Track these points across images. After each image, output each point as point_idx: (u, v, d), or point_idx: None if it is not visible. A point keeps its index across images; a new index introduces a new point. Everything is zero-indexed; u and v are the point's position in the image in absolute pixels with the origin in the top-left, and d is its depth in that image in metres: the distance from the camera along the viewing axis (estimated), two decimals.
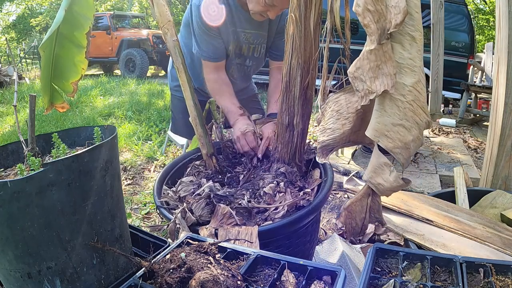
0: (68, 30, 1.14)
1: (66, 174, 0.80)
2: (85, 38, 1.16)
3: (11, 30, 20.86)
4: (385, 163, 1.01)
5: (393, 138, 0.95)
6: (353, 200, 1.12)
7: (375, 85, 0.93)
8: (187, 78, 1.37)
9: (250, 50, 1.73)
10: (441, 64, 4.69)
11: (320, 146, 1.16)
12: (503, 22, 1.88)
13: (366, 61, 0.93)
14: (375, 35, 0.90)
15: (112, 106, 6.12)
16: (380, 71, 0.93)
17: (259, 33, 1.68)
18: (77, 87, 1.21)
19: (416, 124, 0.94)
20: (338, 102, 1.14)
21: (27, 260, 0.81)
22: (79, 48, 1.17)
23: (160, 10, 1.31)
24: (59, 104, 1.24)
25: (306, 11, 1.19)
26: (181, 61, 1.34)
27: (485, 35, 15.01)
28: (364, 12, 0.90)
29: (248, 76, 1.93)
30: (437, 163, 3.33)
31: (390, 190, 1.01)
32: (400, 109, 0.94)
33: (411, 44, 0.92)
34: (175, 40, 1.33)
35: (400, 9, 0.88)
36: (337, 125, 1.13)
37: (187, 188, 1.27)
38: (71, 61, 1.18)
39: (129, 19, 13.03)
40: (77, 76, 1.19)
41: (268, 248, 1.06)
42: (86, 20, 1.15)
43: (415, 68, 0.92)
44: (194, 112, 1.38)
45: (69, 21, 1.12)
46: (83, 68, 1.19)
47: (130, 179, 3.28)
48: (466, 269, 0.82)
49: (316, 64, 1.28)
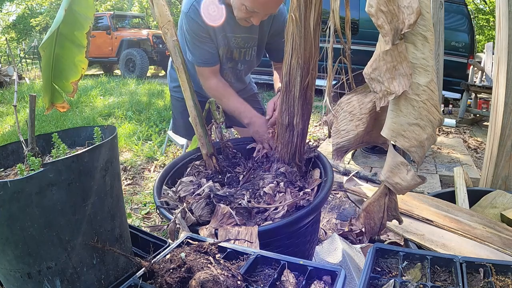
0: (68, 30, 1.14)
1: (66, 174, 0.80)
2: (85, 38, 1.16)
3: (11, 30, 20.86)
4: (401, 162, 1.01)
5: (409, 138, 0.96)
6: (371, 200, 1.12)
7: (393, 86, 0.94)
8: (187, 78, 1.36)
9: (241, 54, 1.73)
10: (441, 64, 4.68)
11: (335, 148, 1.16)
12: (503, 22, 1.88)
13: (383, 62, 0.93)
14: (389, 36, 0.90)
15: (112, 106, 6.12)
16: (397, 72, 0.93)
17: (249, 36, 1.68)
18: (77, 87, 1.21)
19: (430, 123, 0.95)
20: (350, 103, 1.14)
21: (27, 260, 0.81)
22: (79, 48, 1.17)
23: (160, 10, 1.31)
24: (60, 104, 1.24)
25: (306, 11, 1.19)
26: (181, 61, 1.34)
27: (485, 35, 15.02)
28: (378, 13, 0.90)
29: (241, 78, 1.92)
30: (437, 163, 3.33)
31: (407, 188, 1.02)
32: (415, 109, 0.94)
33: (423, 44, 0.93)
34: (175, 40, 1.33)
35: (413, 9, 0.88)
36: (351, 127, 1.13)
37: (187, 188, 1.27)
38: (71, 61, 1.18)
39: (129, 19, 13.04)
40: (77, 76, 1.19)
41: (268, 248, 1.06)
42: (86, 19, 1.15)
43: (428, 67, 0.93)
44: (194, 112, 1.38)
45: (69, 21, 1.12)
46: (83, 68, 1.19)
47: (130, 179, 3.28)
48: (466, 269, 0.82)
49: (316, 64, 1.28)
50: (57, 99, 1.23)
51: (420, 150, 0.96)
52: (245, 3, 1.38)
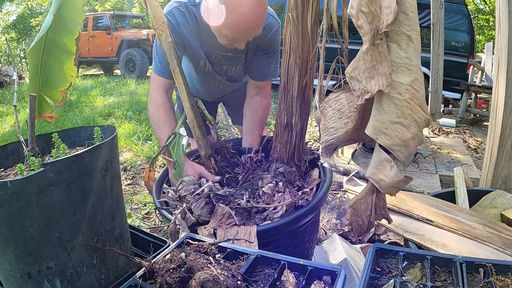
0: (57, 36, 1.09)
1: (66, 174, 0.80)
2: (74, 44, 1.11)
3: (11, 30, 20.85)
4: (385, 159, 1.02)
5: (391, 136, 0.97)
6: (358, 197, 1.13)
7: (370, 85, 0.95)
8: (183, 80, 1.33)
9: (222, 69, 1.62)
10: (441, 64, 4.69)
11: (324, 146, 1.17)
12: (503, 22, 1.88)
13: (362, 61, 0.95)
14: (368, 36, 0.92)
15: (112, 106, 6.12)
16: (375, 71, 0.95)
17: (232, 55, 1.54)
18: (66, 95, 1.15)
19: (414, 122, 0.95)
20: (339, 101, 1.15)
21: (27, 260, 0.81)
22: (68, 55, 1.12)
23: (154, 12, 1.27)
24: (47, 114, 1.19)
25: (303, 11, 1.19)
26: (177, 63, 1.31)
27: (485, 35, 15.01)
28: (358, 13, 0.92)
29: (229, 86, 1.78)
30: (437, 163, 3.33)
31: (391, 185, 1.03)
32: (397, 107, 0.95)
33: (407, 44, 0.94)
34: (170, 42, 1.29)
35: (391, 9, 0.90)
36: (339, 124, 1.14)
37: (188, 188, 1.27)
38: (60, 68, 1.13)
39: (129, 19, 13.03)
40: (66, 84, 1.14)
41: (268, 247, 1.06)
42: (75, 25, 1.10)
43: (411, 66, 0.94)
44: (192, 114, 1.36)
45: (58, 26, 1.08)
46: (72, 76, 1.14)
47: (130, 179, 3.28)
48: (466, 269, 0.82)
49: (314, 64, 1.28)
50: (44, 109, 1.17)
51: (404, 149, 0.97)
52: (224, 31, 1.26)
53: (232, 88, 1.84)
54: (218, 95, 1.92)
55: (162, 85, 1.45)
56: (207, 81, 1.70)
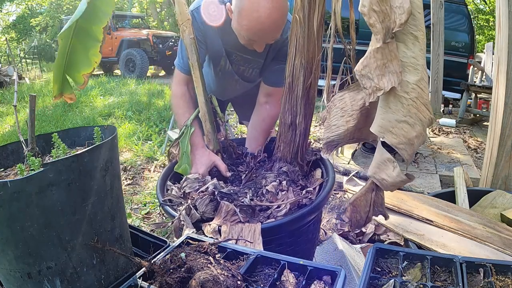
0: (87, 23, 1.16)
1: (66, 174, 0.80)
2: (101, 33, 1.18)
3: (11, 30, 20.86)
4: (388, 159, 1.03)
5: (398, 134, 0.97)
6: (358, 195, 1.14)
7: (382, 83, 0.96)
8: (200, 75, 1.39)
9: (240, 70, 1.68)
10: (441, 64, 4.70)
11: (325, 142, 1.19)
12: (503, 22, 1.88)
13: (373, 59, 0.95)
14: (381, 34, 0.93)
15: (112, 106, 6.12)
16: (386, 69, 0.95)
17: (251, 59, 1.60)
18: (88, 79, 1.22)
19: (419, 121, 0.96)
20: (342, 100, 1.17)
21: (27, 260, 0.81)
22: (94, 42, 1.19)
23: (181, 9, 1.36)
24: (68, 94, 1.25)
25: (309, 12, 1.21)
26: (196, 58, 1.38)
27: (485, 35, 15.01)
28: (370, 12, 0.93)
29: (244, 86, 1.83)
30: (437, 163, 3.33)
31: (393, 185, 1.04)
32: (404, 106, 0.96)
33: (414, 43, 0.95)
34: (192, 38, 1.37)
35: (404, 9, 0.90)
36: (341, 122, 1.16)
37: (192, 185, 1.28)
38: (86, 53, 1.19)
39: (129, 19, 13.03)
40: (89, 69, 1.21)
41: (271, 246, 1.06)
42: (105, 15, 1.18)
43: (417, 66, 0.95)
44: (205, 108, 1.42)
45: (89, 14, 1.14)
46: (96, 61, 1.20)
47: (130, 179, 3.28)
48: (466, 269, 0.82)
49: (319, 65, 1.29)
50: (66, 89, 1.24)
51: (409, 147, 0.98)
52: (242, 32, 1.33)
53: (246, 88, 1.88)
54: (232, 94, 1.97)
55: (183, 80, 1.54)
56: (225, 80, 1.76)
